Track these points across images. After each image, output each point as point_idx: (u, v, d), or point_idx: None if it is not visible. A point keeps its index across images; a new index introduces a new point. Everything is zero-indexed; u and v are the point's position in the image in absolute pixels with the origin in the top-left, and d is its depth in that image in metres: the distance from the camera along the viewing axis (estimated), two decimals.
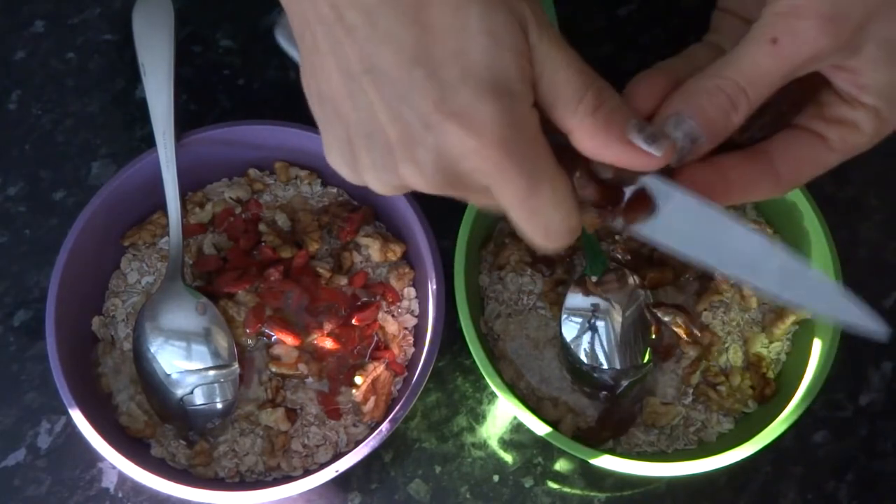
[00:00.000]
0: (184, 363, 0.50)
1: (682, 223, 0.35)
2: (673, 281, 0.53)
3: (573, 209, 0.33)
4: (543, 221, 0.32)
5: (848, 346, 0.49)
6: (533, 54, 0.31)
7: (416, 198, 0.51)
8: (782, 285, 0.35)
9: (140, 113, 0.61)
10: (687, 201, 0.34)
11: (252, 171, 0.56)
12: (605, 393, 0.51)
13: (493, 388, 0.48)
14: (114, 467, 0.53)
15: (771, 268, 0.35)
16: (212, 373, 0.50)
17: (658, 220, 0.35)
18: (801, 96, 0.36)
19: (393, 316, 0.53)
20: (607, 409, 0.51)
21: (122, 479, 0.53)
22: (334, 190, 0.57)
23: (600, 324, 0.49)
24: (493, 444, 0.54)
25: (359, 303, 0.52)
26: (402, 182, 0.33)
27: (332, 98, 0.33)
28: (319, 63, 0.33)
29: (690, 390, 0.52)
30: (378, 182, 0.34)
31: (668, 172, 0.35)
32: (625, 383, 0.50)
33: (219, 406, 0.50)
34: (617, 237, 0.54)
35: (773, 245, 0.35)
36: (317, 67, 0.33)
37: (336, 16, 0.31)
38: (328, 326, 0.51)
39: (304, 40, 0.33)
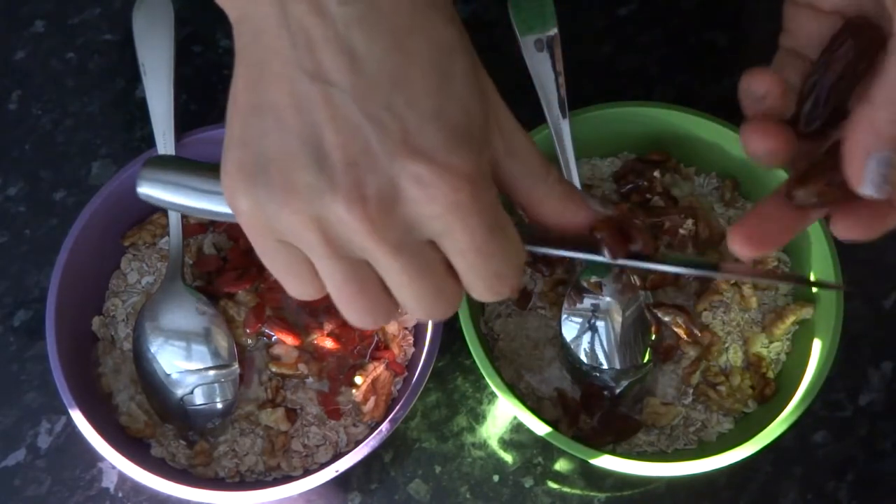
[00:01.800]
0: (184, 363, 0.50)
1: None
2: (673, 281, 0.53)
3: (522, 252, 0.33)
4: (495, 266, 0.32)
5: (848, 346, 0.49)
6: (498, 128, 0.32)
7: None
8: None
9: (140, 113, 0.61)
10: None
11: None
12: (606, 392, 0.51)
13: (493, 388, 0.48)
14: (114, 467, 0.53)
15: None
16: (212, 373, 0.50)
17: None
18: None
19: None
20: (609, 414, 0.51)
21: (122, 479, 0.53)
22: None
23: (600, 324, 0.49)
24: (493, 444, 0.54)
25: None
26: (321, 216, 0.29)
27: (274, 107, 0.29)
28: (271, 69, 0.29)
29: (690, 390, 0.52)
30: (286, 213, 0.30)
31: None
32: (625, 383, 0.50)
33: (219, 406, 0.50)
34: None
35: None
36: (266, 74, 0.30)
37: (318, 19, 0.29)
38: (328, 326, 0.51)
39: (255, 45, 0.30)
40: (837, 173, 0.33)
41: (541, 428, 0.47)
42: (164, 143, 0.51)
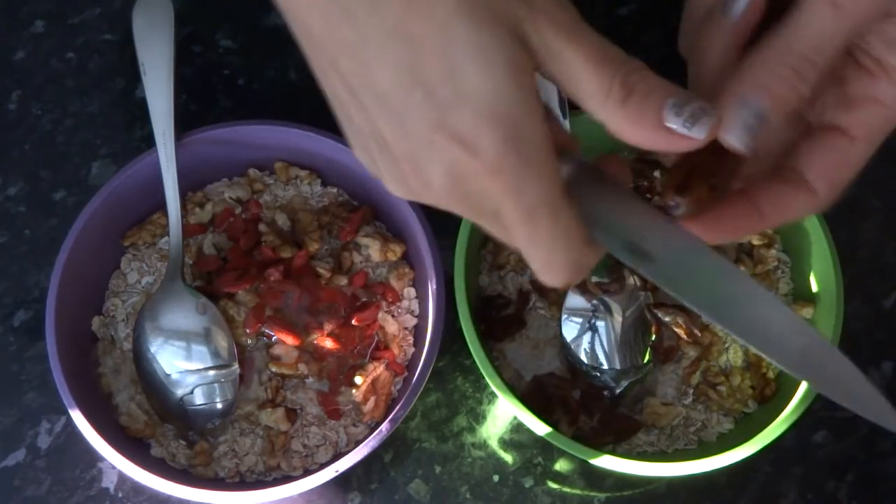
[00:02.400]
0: (184, 363, 0.50)
1: (709, 288, 0.32)
2: None
3: (575, 244, 0.31)
4: (543, 254, 0.31)
5: (848, 347, 0.49)
6: (541, 58, 0.29)
7: None
8: (804, 367, 0.32)
9: (140, 113, 0.61)
10: (716, 264, 0.32)
11: (252, 171, 0.56)
12: (606, 392, 0.51)
13: (493, 388, 0.48)
14: (114, 467, 0.53)
15: (793, 347, 0.31)
16: (212, 373, 0.50)
17: (684, 280, 0.32)
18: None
19: (393, 316, 0.53)
20: (609, 414, 0.51)
21: (122, 479, 0.53)
22: (334, 190, 0.57)
23: (600, 324, 0.49)
24: (493, 444, 0.54)
25: (359, 303, 0.52)
26: (415, 193, 0.32)
27: (343, 105, 0.32)
28: (324, 72, 0.31)
29: (690, 390, 0.52)
30: (395, 188, 0.33)
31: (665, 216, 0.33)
32: (625, 383, 0.50)
33: (219, 406, 0.50)
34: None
35: (802, 324, 0.32)
36: (323, 75, 0.31)
37: (328, 32, 0.29)
38: (328, 326, 0.51)
39: (306, 47, 0.32)
40: (720, 174, 0.32)
41: (541, 428, 0.47)
42: (164, 143, 0.51)
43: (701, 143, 0.30)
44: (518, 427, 0.54)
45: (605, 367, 0.49)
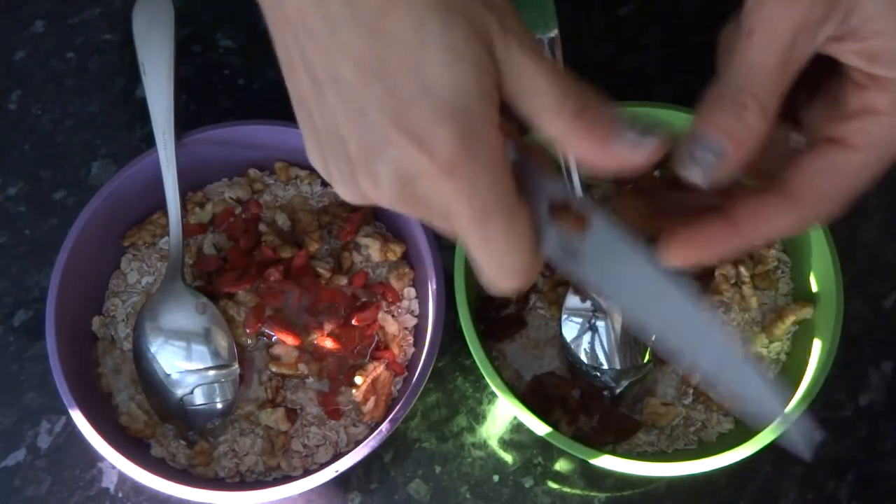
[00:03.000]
0: (184, 363, 0.50)
1: (605, 260, 0.33)
2: None
3: (528, 248, 0.31)
4: (496, 258, 0.31)
5: (848, 346, 0.49)
6: (503, 68, 0.30)
7: None
8: (717, 370, 0.33)
9: (140, 113, 0.61)
10: (635, 260, 0.33)
11: (252, 171, 0.56)
12: (606, 392, 0.51)
13: (493, 388, 0.48)
14: (114, 467, 0.53)
15: (684, 329, 0.33)
16: (212, 373, 0.50)
17: (583, 254, 0.33)
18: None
19: (393, 316, 0.53)
20: (609, 414, 0.51)
21: (122, 479, 0.53)
22: (334, 190, 0.56)
23: (600, 324, 0.49)
24: (493, 444, 0.54)
25: (359, 303, 0.52)
26: (364, 194, 0.32)
27: (304, 102, 0.32)
28: (291, 67, 0.32)
29: (690, 390, 0.52)
30: (343, 191, 0.33)
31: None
32: (625, 383, 0.50)
33: (219, 406, 0.50)
34: None
35: (715, 327, 0.33)
36: (289, 71, 0.32)
37: (300, 20, 0.30)
38: (328, 326, 0.51)
39: (277, 41, 0.32)
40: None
41: (541, 428, 0.47)
42: (164, 143, 0.51)
43: (647, 160, 0.30)
44: (518, 427, 0.54)
45: (605, 367, 0.49)
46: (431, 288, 0.50)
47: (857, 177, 0.33)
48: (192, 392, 0.50)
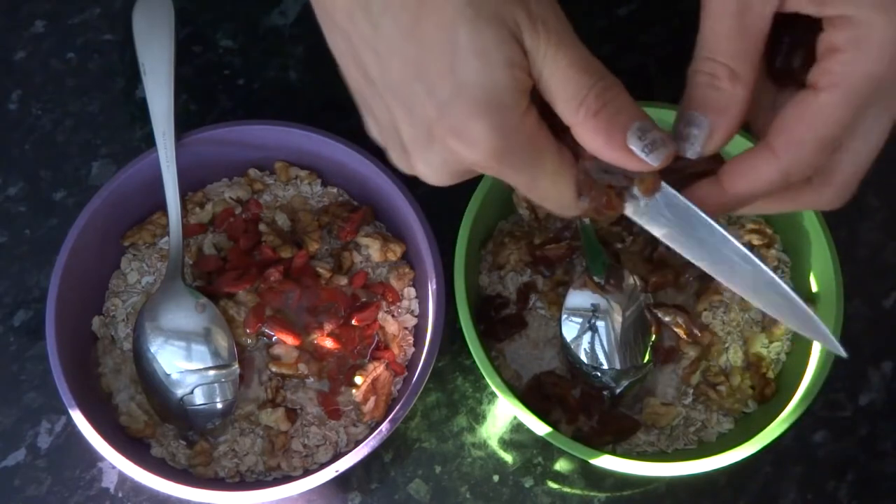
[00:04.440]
0: (184, 363, 0.50)
1: (671, 219, 0.35)
2: (673, 282, 0.53)
3: (574, 190, 0.34)
4: (552, 204, 0.35)
5: (848, 346, 0.49)
6: (531, 58, 0.32)
7: (417, 198, 0.51)
8: (753, 291, 0.36)
9: (140, 113, 0.61)
10: (678, 201, 0.35)
11: (252, 171, 0.56)
12: (606, 392, 0.51)
13: (493, 388, 0.48)
14: (114, 467, 0.53)
15: (744, 272, 0.36)
16: (212, 373, 0.50)
17: (652, 212, 0.35)
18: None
19: (393, 316, 0.53)
20: (608, 414, 0.51)
21: (122, 479, 0.53)
22: (334, 190, 0.57)
23: (600, 324, 0.49)
24: (493, 444, 0.54)
25: (359, 303, 0.52)
26: (419, 176, 0.35)
27: (362, 94, 0.35)
28: (344, 63, 0.35)
29: (690, 390, 0.52)
30: (404, 168, 0.36)
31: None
32: (625, 383, 0.50)
33: (219, 406, 0.50)
34: (620, 245, 0.54)
35: (748, 254, 0.35)
36: (345, 67, 0.35)
37: (351, 26, 0.33)
38: (328, 326, 0.51)
39: (329, 39, 0.35)
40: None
41: (541, 428, 0.47)
42: (165, 143, 0.51)
43: (653, 169, 0.33)
44: (518, 427, 0.54)
45: (605, 367, 0.49)
46: (431, 288, 0.50)
47: (827, 118, 0.33)
48: (192, 392, 0.50)
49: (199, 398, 0.50)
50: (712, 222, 0.35)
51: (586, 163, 0.34)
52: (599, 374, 0.50)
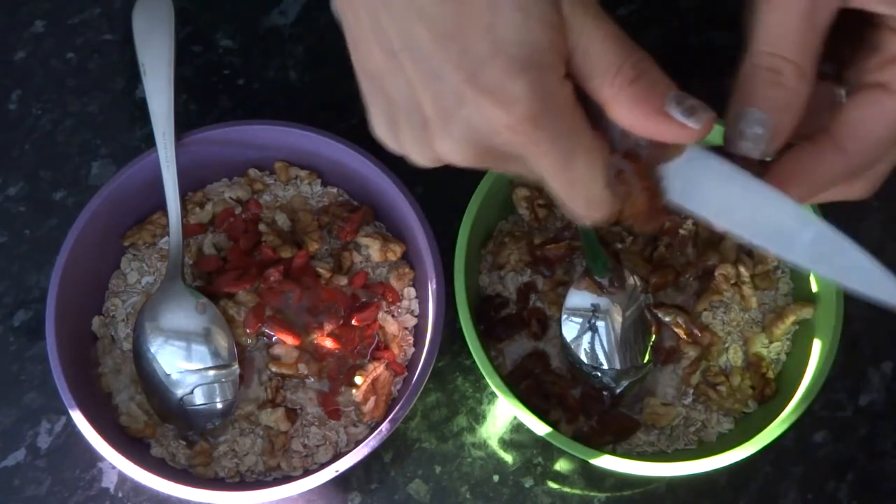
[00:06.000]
0: (184, 363, 0.50)
1: (717, 193, 0.33)
2: (673, 281, 0.53)
3: (605, 179, 0.33)
4: (582, 192, 0.32)
5: (848, 346, 0.49)
6: (567, 25, 0.31)
7: (417, 198, 0.51)
8: (814, 258, 0.33)
9: (140, 113, 0.61)
10: (723, 169, 0.33)
11: (252, 171, 0.56)
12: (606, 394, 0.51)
13: (493, 388, 0.48)
14: (114, 467, 0.53)
15: (804, 239, 0.33)
16: (212, 373, 0.50)
17: (693, 190, 0.33)
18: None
19: (393, 316, 0.53)
20: (608, 414, 0.51)
21: (122, 479, 0.53)
22: (334, 190, 0.57)
23: (600, 324, 0.49)
24: (493, 444, 0.54)
25: (359, 303, 0.52)
26: (439, 156, 0.33)
27: (375, 74, 0.33)
28: (363, 40, 0.33)
29: (690, 390, 0.52)
30: (418, 155, 0.34)
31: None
32: (625, 383, 0.50)
33: (219, 406, 0.50)
34: (620, 245, 0.54)
35: (808, 214, 0.33)
36: (360, 45, 0.34)
37: None
38: (328, 326, 0.51)
39: (347, 18, 0.34)
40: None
41: (541, 428, 0.47)
42: (165, 143, 0.51)
43: (696, 134, 0.31)
44: (518, 427, 0.54)
45: (605, 367, 0.49)
46: (431, 288, 0.50)
47: None
48: (192, 392, 0.50)
49: (199, 398, 0.50)
50: (765, 186, 0.33)
51: (613, 158, 0.33)
52: (599, 374, 0.50)
